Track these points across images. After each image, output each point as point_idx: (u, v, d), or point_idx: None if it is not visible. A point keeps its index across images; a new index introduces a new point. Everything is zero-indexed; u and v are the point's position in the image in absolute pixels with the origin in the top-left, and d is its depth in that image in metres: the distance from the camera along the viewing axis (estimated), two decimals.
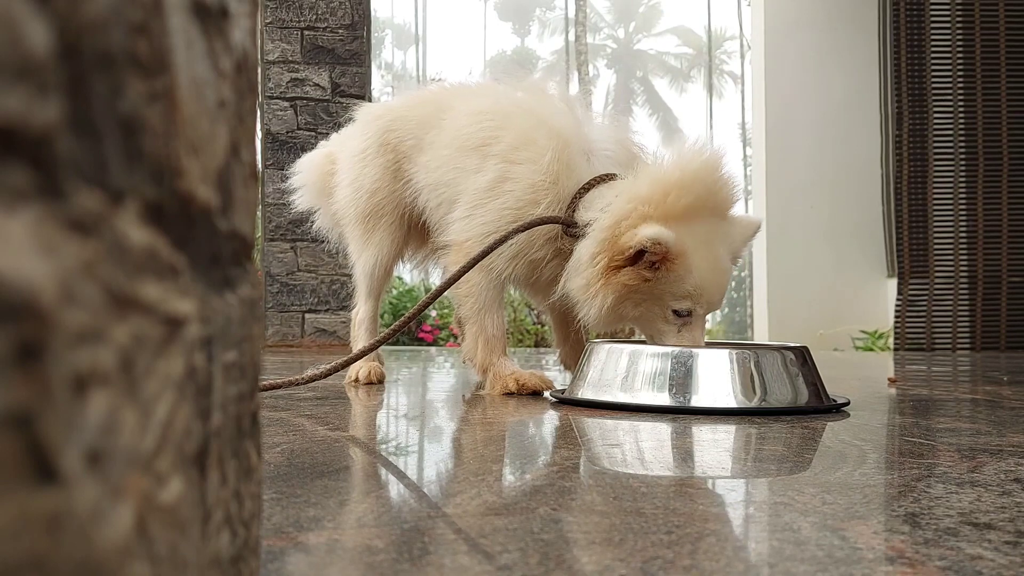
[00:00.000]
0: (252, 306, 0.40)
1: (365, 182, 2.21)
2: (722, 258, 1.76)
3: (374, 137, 2.20)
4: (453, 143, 2.00)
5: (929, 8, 5.47)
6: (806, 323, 6.64)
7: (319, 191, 2.44)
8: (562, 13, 29.49)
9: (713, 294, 1.74)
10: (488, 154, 1.92)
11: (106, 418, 0.25)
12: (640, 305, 1.74)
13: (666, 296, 1.72)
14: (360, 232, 2.24)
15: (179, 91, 0.31)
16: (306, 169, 2.50)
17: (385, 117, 2.22)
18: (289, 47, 4.60)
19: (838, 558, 0.62)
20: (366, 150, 2.22)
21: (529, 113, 1.92)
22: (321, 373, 1.81)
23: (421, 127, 2.11)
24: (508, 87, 2.08)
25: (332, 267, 4.53)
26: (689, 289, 1.71)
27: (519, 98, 2.00)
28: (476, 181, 1.91)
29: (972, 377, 2.91)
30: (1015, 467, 1.02)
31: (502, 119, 1.95)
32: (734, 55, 30.60)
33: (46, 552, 0.23)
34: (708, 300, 1.73)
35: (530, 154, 1.85)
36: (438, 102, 2.13)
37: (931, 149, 5.50)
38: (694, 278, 1.71)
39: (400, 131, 2.16)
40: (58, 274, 0.24)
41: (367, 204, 2.20)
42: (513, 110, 1.96)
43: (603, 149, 1.90)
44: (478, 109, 2.00)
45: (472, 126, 1.97)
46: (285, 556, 0.63)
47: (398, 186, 2.17)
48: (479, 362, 1.95)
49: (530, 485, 0.93)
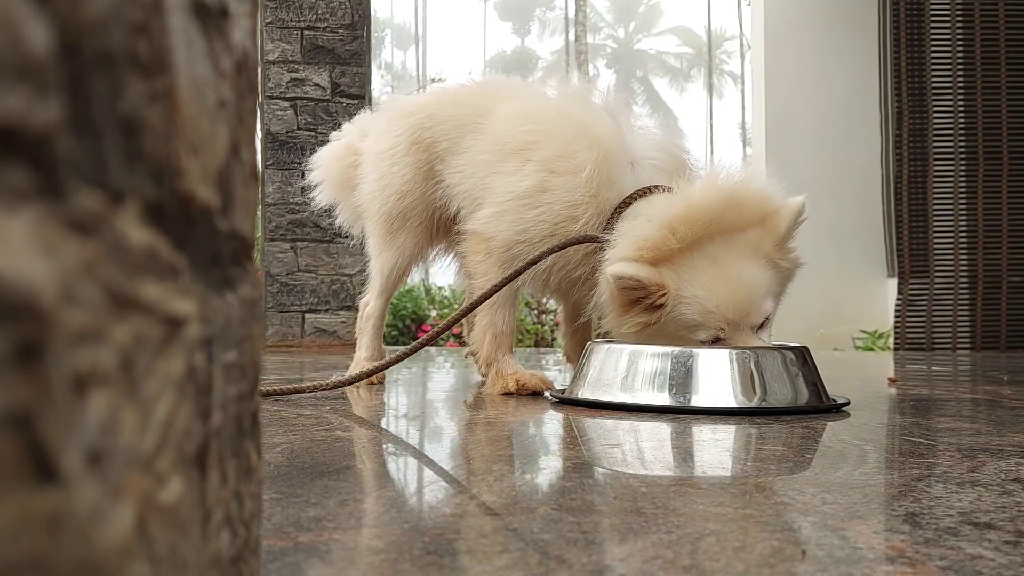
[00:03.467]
0: (252, 306, 0.40)
1: (394, 182, 2.13)
2: (736, 272, 1.64)
3: (405, 135, 2.12)
4: (491, 147, 1.93)
5: (929, 8, 5.47)
6: (806, 323, 6.64)
7: (340, 185, 2.35)
8: (562, 13, 29.49)
9: (728, 312, 1.63)
10: (528, 159, 1.85)
11: (106, 418, 0.25)
12: (671, 335, 1.67)
13: (681, 330, 1.66)
14: (383, 231, 2.17)
15: (179, 91, 0.31)
16: (325, 163, 2.41)
17: (417, 115, 2.13)
18: (289, 47, 4.60)
19: (838, 558, 0.62)
20: (395, 147, 2.13)
21: (571, 121, 1.86)
22: (347, 380, 1.83)
23: (458, 129, 2.03)
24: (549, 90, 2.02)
25: (332, 267, 4.53)
26: (696, 319, 1.64)
27: (562, 105, 1.94)
28: (512, 183, 1.85)
29: (972, 377, 2.91)
30: (1015, 467, 1.02)
31: (544, 124, 1.89)
32: (734, 55, 30.61)
33: (46, 552, 0.23)
34: (727, 320, 1.64)
35: (570, 165, 1.80)
36: (474, 104, 2.05)
37: (931, 149, 5.49)
38: (697, 305, 1.63)
39: (434, 131, 2.07)
40: (58, 274, 0.24)
41: (395, 205, 2.13)
42: (555, 116, 1.90)
43: (647, 157, 1.84)
44: (519, 112, 1.94)
45: (512, 129, 1.91)
46: (285, 556, 0.63)
47: (429, 187, 2.10)
48: (484, 356, 1.94)
49: (530, 485, 0.93)
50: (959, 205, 5.48)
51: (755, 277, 1.67)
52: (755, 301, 1.66)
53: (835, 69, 6.83)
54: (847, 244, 6.75)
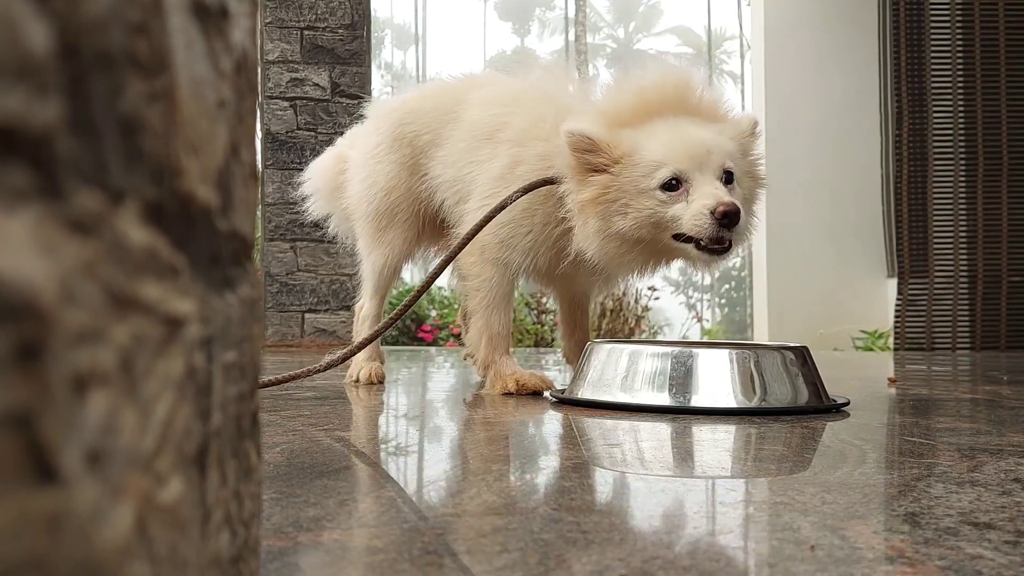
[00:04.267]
0: (252, 306, 0.40)
1: (380, 179, 2.14)
2: (693, 128, 1.67)
3: (388, 131, 2.14)
4: (468, 135, 1.97)
5: (929, 8, 5.47)
6: (806, 323, 6.65)
7: (331, 195, 2.38)
8: (562, 13, 29.48)
9: (688, 146, 1.63)
10: (499, 141, 1.89)
11: (106, 418, 0.25)
12: (627, 212, 1.65)
13: (639, 181, 1.64)
14: (372, 230, 2.18)
15: (179, 91, 0.31)
16: (316, 175, 2.44)
17: (399, 111, 2.15)
18: (289, 47, 4.60)
19: (838, 558, 0.62)
20: (379, 145, 2.15)
21: (538, 93, 1.90)
22: (338, 358, 1.83)
23: (438, 120, 2.06)
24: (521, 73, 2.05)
25: (332, 267, 4.53)
26: (655, 158, 1.63)
27: (528, 84, 1.98)
28: (488, 171, 1.88)
29: (972, 377, 2.91)
30: (1015, 467, 1.02)
31: (511, 104, 1.93)
32: (734, 55, 30.60)
33: (46, 552, 0.23)
34: (688, 154, 1.63)
35: (540, 132, 1.83)
36: (453, 94, 2.08)
37: (931, 149, 5.50)
38: (654, 146, 1.64)
39: (416, 124, 2.09)
40: (58, 274, 0.24)
41: (381, 202, 2.14)
42: (521, 94, 1.94)
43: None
44: (488, 97, 1.98)
45: (484, 114, 1.95)
46: (285, 556, 0.63)
47: (414, 182, 2.11)
48: (481, 359, 1.94)
49: (530, 485, 0.93)
50: (959, 205, 5.49)
51: (712, 133, 1.69)
52: (715, 142, 1.66)
53: (835, 69, 6.83)
54: (847, 244, 6.76)
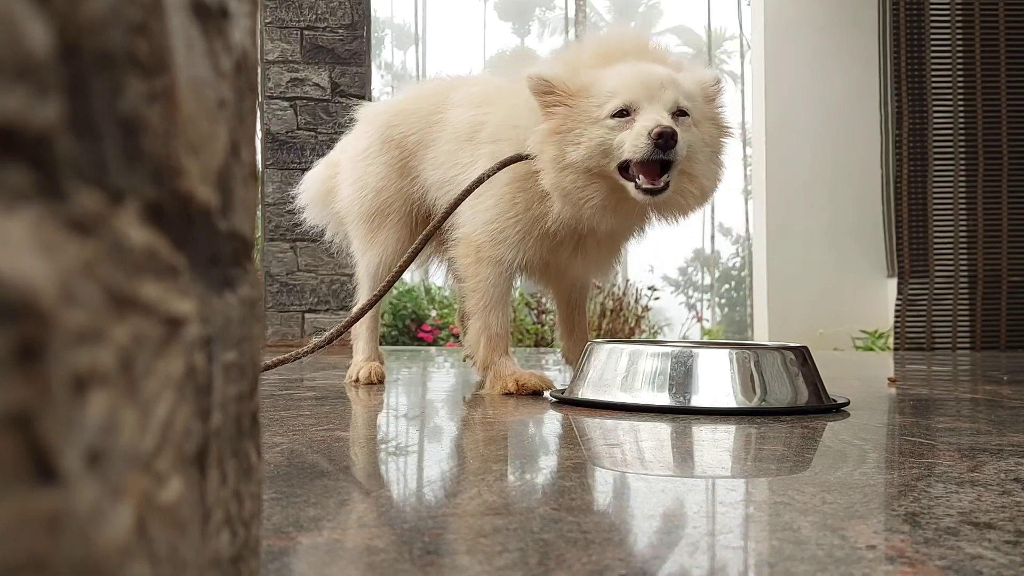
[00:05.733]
0: (252, 306, 0.40)
1: (370, 180, 2.17)
2: (649, 66, 1.76)
3: (376, 133, 2.18)
4: (451, 136, 2.01)
5: (929, 8, 5.47)
6: (806, 323, 6.64)
7: (324, 204, 2.40)
8: (562, 13, 29.48)
9: (639, 82, 1.70)
10: (478, 142, 1.93)
11: (106, 418, 0.25)
12: (580, 142, 1.71)
13: (592, 111, 1.72)
14: (364, 231, 2.20)
15: (179, 91, 0.31)
16: (310, 186, 2.46)
17: (386, 113, 2.20)
18: (289, 47, 4.60)
19: (838, 558, 0.62)
20: (369, 148, 2.19)
21: (513, 91, 1.91)
22: (325, 339, 1.82)
23: (424, 121, 2.10)
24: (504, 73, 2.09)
25: (332, 267, 4.53)
26: (608, 88, 1.71)
27: (505, 82, 2.00)
28: (472, 175, 1.89)
29: (972, 377, 2.91)
30: (1015, 467, 1.02)
31: (487, 104, 1.97)
32: (734, 55, 30.58)
33: (46, 552, 0.23)
34: (640, 84, 1.70)
35: (516, 133, 1.85)
36: (440, 95, 2.11)
37: (931, 149, 5.49)
38: (609, 78, 1.72)
39: (403, 126, 2.13)
40: (58, 274, 0.24)
41: (372, 203, 2.17)
42: (497, 92, 1.97)
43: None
44: (466, 97, 2.02)
45: (463, 114, 1.99)
46: (285, 556, 0.63)
47: (405, 183, 2.15)
48: (480, 360, 1.95)
49: (530, 485, 0.93)
50: (959, 205, 5.48)
51: (669, 71, 1.77)
52: (670, 78, 1.74)
53: (835, 69, 6.82)
54: (847, 244, 6.75)
